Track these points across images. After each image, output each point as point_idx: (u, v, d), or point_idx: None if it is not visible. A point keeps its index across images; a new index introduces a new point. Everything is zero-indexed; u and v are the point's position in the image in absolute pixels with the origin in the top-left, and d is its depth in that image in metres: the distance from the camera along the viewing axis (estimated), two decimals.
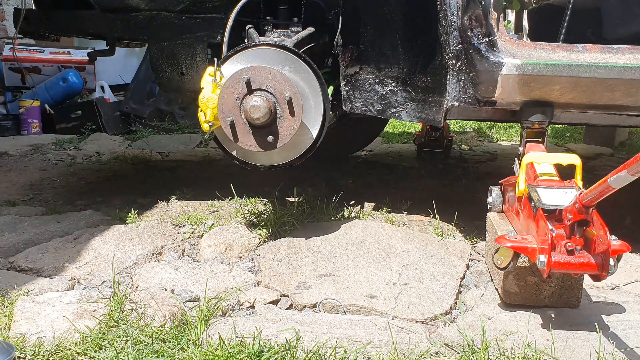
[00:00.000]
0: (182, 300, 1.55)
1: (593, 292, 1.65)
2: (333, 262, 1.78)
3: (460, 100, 1.81)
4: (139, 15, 2.23)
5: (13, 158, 3.52)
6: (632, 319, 1.48)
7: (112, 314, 1.41)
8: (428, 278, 1.70)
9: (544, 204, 1.41)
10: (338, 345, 1.31)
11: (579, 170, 1.54)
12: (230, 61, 1.85)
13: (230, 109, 1.80)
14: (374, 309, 1.54)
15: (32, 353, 1.27)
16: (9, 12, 5.24)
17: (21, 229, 2.11)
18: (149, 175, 3.08)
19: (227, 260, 1.87)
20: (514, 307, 1.53)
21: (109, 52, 2.61)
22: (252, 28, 2.03)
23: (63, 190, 2.74)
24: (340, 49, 2.02)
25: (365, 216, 2.27)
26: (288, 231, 2.03)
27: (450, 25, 1.74)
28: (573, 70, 1.72)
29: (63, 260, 1.82)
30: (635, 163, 1.07)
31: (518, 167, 1.74)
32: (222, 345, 1.28)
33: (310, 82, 1.85)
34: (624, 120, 2.04)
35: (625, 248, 1.30)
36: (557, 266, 1.31)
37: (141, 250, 1.90)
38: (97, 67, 4.78)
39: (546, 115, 1.81)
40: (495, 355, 1.30)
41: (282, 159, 1.93)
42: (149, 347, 1.29)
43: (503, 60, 1.73)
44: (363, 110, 2.05)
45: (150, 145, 3.87)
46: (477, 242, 2.04)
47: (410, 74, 1.96)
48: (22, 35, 2.92)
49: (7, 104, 4.46)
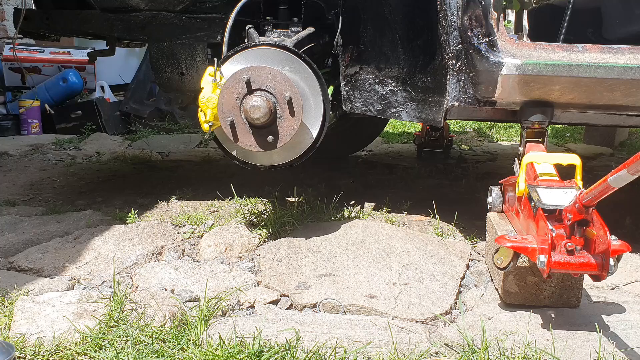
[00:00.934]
0: (182, 300, 1.55)
1: (593, 292, 1.65)
2: (333, 262, 1.78)
3: (460, 100, 1.81)
4: (139, 15, 2.23)
5: (13, 158, 3.52)
6: (632, 319, 1.48)
7: (112, 314, 1.41)
8: (428, 278, 1.70)
9: (544, 204, 1.41)
10: (338, 345, 1.31)
11: (579, 170, 1.54)
12: (230, 61, 1.85)
13: (230, 109, 1.80)
14: (374, 309, 1.54)
15: (32, 353, 1.27)
16: (9, 12, 5.24)
17: (21, 229, 2.11)
18: (149, 175, 3.08)
19: (227, 260, 1.87)
20: (514, 307, 1.53)
21: (109, 52, 2.61)
22: (252, 28, 2.03)
23: (63, 190, 2.74)
24: (340, 49, 2.02)
25: (365, 216, 2.27)
26: (288, 231, 2.03)
27: (450, 25, 1.74)
28: (573, 70, 1.71)
29: (63, 260, 1.82)
30: (635, 162, 1.07)
31: (518, 167, 1.74)
32: (222, 345, 1.28)
33: (310, 82, 1.85)
34: (624, 121, 2.04)
35: (625, 248, 1.30)
36: (557, 266, 1.31)
37: (141, 250, 1.90)
38: (97, 67, 4.77)
39: (546, 115, 1.81)
40: (496, 355, 1.30)
41: (282, 159, 1.93)
42: (149, 347, 1.29)
43: (503, 60, 1.73)
44: (363, 110, 2.05)
45: (150, 145, 3.87)
46: (477, 242, 2.03)
47: (410, 74, 1.96)
48: (22, 35, 2.92)
49: (7, 104, 4.46)
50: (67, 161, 3.44)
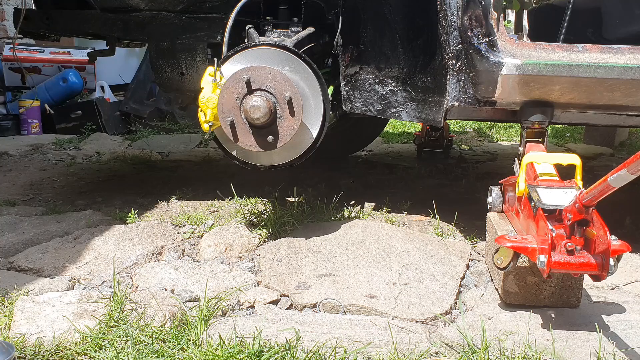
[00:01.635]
0: (182, 300, 1.55)
1: (593, 292, 1.65)
2: (333, 262, 1.78)
3: (460, 100, 1.81)
4: (139, 15, 2.23)
5: (13, 158, 3.52)
6: (632, 319, 1.48)
7: (112, 314, 1.41)
8: (428, 278, 1.70)
9: (544, 204, 1.41)
10: (338, 345, 1.31)
11: (579, 170, 1.54)
12: (230, 61, 1.85)
13: (230, 109, 1.80)
14: (374, 309, 1.54)
15: (32, 353, 1.27)
16: (9, 12, 5.24)
17: (21, 229, 2.11)
18: (149, 175, 3.08)
19: (227, 260, 1.87)
20: (514, 307, 1.53)
21: (109, 52, 2.61)
22: (252, 28, 2.03)
23: (63, 190, 2.74)
24: (340, 49, 2.02)
25: (365, 216, 2.27)
26: (288, 231, 2.03)
27: (450, 25, 1.74)
28: (573, 71, 1.71)
29: (63, 260, 1.82)
30: (635, 162, 1.07)
31: (518, 167, 1.74)
32: (222, 345, 1.28)
33: (310, 82, 1.85)
34: (624, 121, 2.04)
35: (625, 248, 1.30)
36: (557, 266, 1.31)
37: (141, 250, 1.90)
38: (97, 67, 4.77)
39: (546, 115, 1.81)
40: (496, 355, 1.30)
41: (282, 159, 1.93)
42: (149, 347, 1.29)
43: (503, 60, 1.73)
44: (363, 110, 2.05)
45: (150, 145, 3.87)
46: (477, 242, 2.03)
47: (410, 74, 1.96)
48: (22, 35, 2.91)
49: (7, 104, 4.46)
50: (67, 161, 3.44)
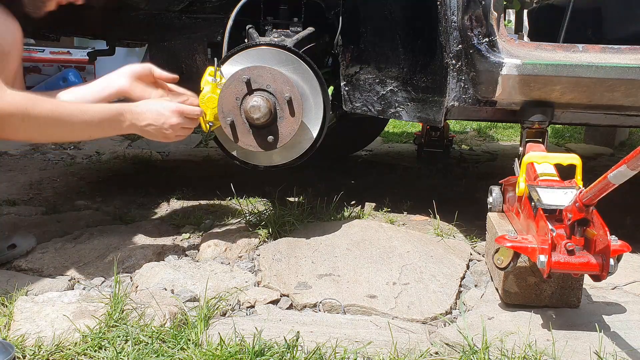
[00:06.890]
0: (182, 300, 1.55)
1: (593, 292, 1.65)
2: (333, 262, 1.78)
3: (461, 101, 1.81)
4: (139, 15, 2.23)
5: (13, 158, 3.51)
6: (633, 319, 1.48)
7: (112, 313, 1.41)
8: (428, 278, 1.70)
9: (544, 204, 1.41)
10: (338, 345, 1.31)
11: (579, 170, 1.54)
12: (230, 61, 1.85)
13: (230, 109, 1.80)
14: (374, 309, 1.54)
15: (32, 353, 1.27)
16: None
17: (21, 228, 2.11)
18: (149, 175, 3.08)
19: (227, 260, 1.87)
20: (514, 307, 1.53)
21: (109, 52, 2.60)
22: (252, 28, 2.03)
23: (63, 190, 2.74)
24: (340, 49, 2.02)
25: (366, 216, 2.27)
26: (288, 231, 2.03)
27: (451, 26, 1.74)
28: (573, 71, 1.71)
29: (63, 260, 1.82)
30: (634, 157, 1.07)
31: (518, 167, 1.74)
32: (222, 345, 1.28)
33: (311, 82, 1.85)
34: (624, 121, 2.04)
35: (625, 248, 1.30)
36: (557, 266, 1.31)
37: (141, 250, 1.90)
38: (97, 67, 4.78)
39: (546, 115, 1.81)
40: (496, 355, 1.30)
41: (282, 159, 1.93)
42: (148, 347, 1.29)
43: (503, 61, 1.73)
44: (363, 110, 2.05)
45: (150, 145, 3.86)
46: (477, 242, 2.03)
47: (410, 74, 1.96)
48: None
49: None
50: (67, 161, 3.44)
